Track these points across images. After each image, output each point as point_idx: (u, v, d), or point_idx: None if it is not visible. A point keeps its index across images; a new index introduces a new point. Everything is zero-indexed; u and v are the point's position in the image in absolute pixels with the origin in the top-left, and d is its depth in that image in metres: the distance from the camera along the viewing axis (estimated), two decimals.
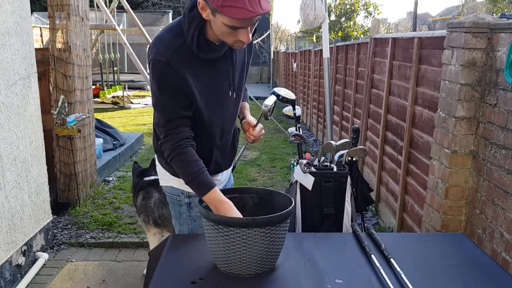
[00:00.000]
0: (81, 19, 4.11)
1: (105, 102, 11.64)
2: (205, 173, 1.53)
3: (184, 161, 1.54)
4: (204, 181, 1.52)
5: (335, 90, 6.15)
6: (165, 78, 1.48)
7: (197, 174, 1.52)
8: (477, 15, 2.27)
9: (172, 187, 1.76)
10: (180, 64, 1.47)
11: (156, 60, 1.47)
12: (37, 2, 15.59)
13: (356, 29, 19.85)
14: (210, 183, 1.52)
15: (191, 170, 1.52)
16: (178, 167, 1.57)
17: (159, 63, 1.47)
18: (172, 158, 1.55)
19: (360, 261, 1.50)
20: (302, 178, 2.33)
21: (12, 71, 2.87)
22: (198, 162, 1.54)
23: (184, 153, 1.53)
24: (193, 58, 1.50)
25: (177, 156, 1.54)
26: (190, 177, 1.53)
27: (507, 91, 2.04)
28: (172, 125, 1.54)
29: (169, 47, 1.48)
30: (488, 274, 1.45)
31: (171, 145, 1.54)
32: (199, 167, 1.53)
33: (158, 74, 1.48)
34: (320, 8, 3.54)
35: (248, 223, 1.35)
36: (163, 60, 1.46)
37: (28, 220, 3.07)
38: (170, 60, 1.46)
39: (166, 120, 1.54)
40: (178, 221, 1.80)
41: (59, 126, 3.91)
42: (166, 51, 1.47)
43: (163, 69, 1.47)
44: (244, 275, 1.40)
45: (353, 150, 2.45)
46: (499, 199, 2.11)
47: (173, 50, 1.47)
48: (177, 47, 1.48)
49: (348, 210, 2.35)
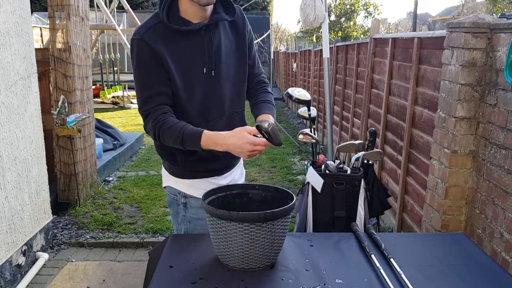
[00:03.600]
0: (81, 19, 4.11)
1: (105, 102, 11.64)
2: (189, 126, 1.54)
3: (168, 128, 1.53)
4: (191, 132, 1.52)
5: (335, 90, 6.16)
6: (141, 54, 1.54)
7: (182, 132, 1.51)
8: (477, 15, 2.27)
9: (170, 186, 1.77)
10: (154, 40, 1.53)
11: (132, 39, 1.56)
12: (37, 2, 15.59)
13: (356, 29, 19.85)
14: (197, 131, 1.52)
15: (176, 131, 1.52)
16: (167, 137, 1.55)
17: (135, 41, 1.55)
18: (158, 134, 1.55)
19: (360, 261, 1.50)
20: (313, 180, 2.31)
21: (12, 71, 2.87)
22: (179, 123, 1.54)
23: (165, 122, 1.54)
24: (168, 34, 1.56)
25: (161, 128, 1.54)
26: (179, 137, 1.52)
27: (507, 91, 2.04)
28: (151, 104, 1.56)
29: (144, 25, 1.57)
30: (488, 274, 1.45)
31: (152, 122, 1.55)
32: (181, 125, 1.53)
33: (136, 52, 1.55)
34: (320, 8, 3.54)
35: (249, 217, 1.37)
36: (138, 37, 1.54)
37: (28, 220, 3.07)
38: (144, 36, 1.53)
39: (145, 98, 1.57)
40: (176, 220, 1.82)
41: (59, 126, 3.91)
42: (141, 29, 1.56)
43: (138, 45, 1.54)
44: (245, 269, 1.42)
45: (369, 153, 2.42)
46: (499, 199, 2.11)
47: (147, 27, 1.56)
48: (151, 25, 1.56)
49: (361, 214, 2.32)
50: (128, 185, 4.94)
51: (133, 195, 4.61)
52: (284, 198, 1.54)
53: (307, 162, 2.61)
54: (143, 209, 4.21)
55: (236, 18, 1.68)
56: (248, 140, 1.46)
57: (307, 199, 2.35)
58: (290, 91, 2.51)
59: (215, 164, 1.72)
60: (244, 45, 1.73)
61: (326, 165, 2.33)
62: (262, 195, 1.61)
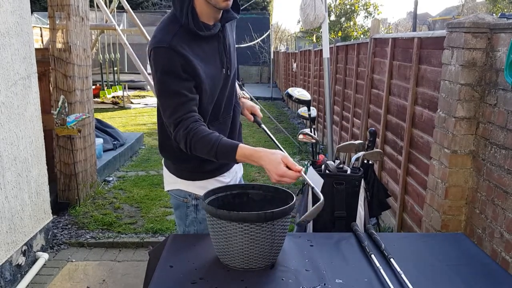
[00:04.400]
0: (81, 19, 4.11)
1: (105, 102, 11.64)
2: (224, 138, 1.51)
3: (201, 139, 1.49)
4: (226, 145, 1.49)
5: (335, 90, 6.16)
6: (170, 62, 1.49)
7: (217, 144, 1.48)
8: (477, 15, 2.27)
9: (179, 189, 1.76)
10: (181, 46, 1.50)
11: (158, 47, 1.49)
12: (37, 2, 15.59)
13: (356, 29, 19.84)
14: (233, 143, 1.50)
15: (211, 143, 1.48)
16: (199, 148, 1.51)
17: (162, 49, 1.49)
18: (189, 144, 1.51)
19: (360, 261, 1.50)
20: (313, 180, 2.31)
21: (12, 71, 2.87)
22: (213, 133, 1.52)
23: (197, 132, 1.50)
24: (191, 39, 1.53)
25: (193, 138, 1.49)
26: (213, 149, 1.48)
27: (507, 91, 2.04)
28: (181, 112, 1.51)
29: (168, 33, 1.52)
30: (488, 274, 1.45)
31: (183, 131, 1.50)
32: (215, 137, 1.50)
33: (162, 60, 1.49)
34: (320, 8, 3.54)
35: (249, 217, 1.37)
36: (165, 46, 1.48)
37: (28, 220, 3.07)
38: (172, 43, 1.48)
39: (175, 105, 1.52)
40: (184, 222, 1.80)
41: (59, 126, 3.91)
42: (166, 37, 1.50)
43: (166, 54, 1.49)
44: (245, 269, 1.42)
45: (369, 153, 2.42)
46: (499, 199, 2.11)
47: (172, 34, 1.51)
48: (175, 31, 1.52)
49: (361, 214, 2.32)
50: (128, 185, 4.94)
51: (133, 195, 4.61)
52: (284, 198, 1.54)
53: (307, 162, 2.60)
54: (143, 209, 4.21)
55: None
56: (281, 170, 1.42)
57: (307, 199, 2.35)
58: (290, 91, 2.51)
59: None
60: (232, 33, 1.77)
61: (326, 165, 2.33)
62: (262, 195, 1.61)
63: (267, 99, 13.72)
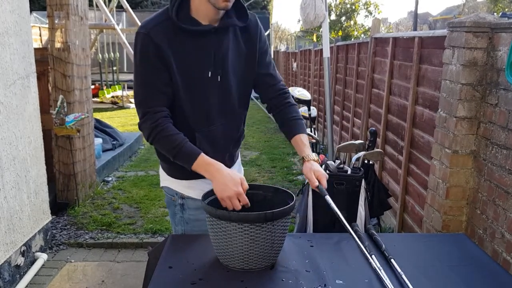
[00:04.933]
0: (80, 18, 4.10)
1: (104, 101, 11.63)
2: (188, 143, 1.54)
3: (165, 136, 1.53)
4: (189, 150, 1.52)
5: (335, 89, 6.15)
6: (146, 49, 1.51)
7: (181, 146, 1.52)
8: (478, 15, 2.26)
9: (168, 187, 1.75)
10: (160, 37, 1.51)
11: (138, 32, 1.53)
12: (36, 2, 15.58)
13: (357, 28, 19.85)
14: (195, 150, 1.53)
15: (174, 143, 1.52)
16: (162, 144, 1.56)
17: (140, 35, 1.52)
18: (153, 138, 1.54)
19: (360, 261, 1.50)
20: None
21: (11, 71, 2.86)
22: (179, 134, 1.54)
23: (164, 129, 1.53)
24: (175, 33, 1.53)
25: (158, 134, 1.53)
26: (174, 150, 1.52)
27: (508, 91, 2.03)
28: (151, 103, 1.54)
29: (152, 21, 1.55)
30: (489, 275, 1.44)
31: (150, 124, 1.53)
32: (181, 139, 1.53)
33: (140, 46, 1.52)
34: (321, 8, 3.53)
35: (249, 218, 1.36)
36: (144, 32, 1.51)
37: (27, 221, 3.06)
38: (151, 32, 1.50)
39: (145, 96, 1.55)
40: (174, 221, 1.80)
41: (58, 126, 3.90)
42: (148, 24, 1.53)
43: (143, 40, 1.51)
44: (245, 269, 1.41)
45: (370, 153, 2.42)
46: (500, 199, 2.10)
47: (155, 23, 1.53)
48: (159, 21, 1.54)
49: (362, 214, 2.32)
50: (127, 185, 4.93)
51: (132, 195, 4.60)
52: (284, 198, 1.53)
53: None
54: (142, 210, 4.20)
55: (248, 25, 1.65)
56: (237, 189, 1.44)
57: (307, 199, 2.34)
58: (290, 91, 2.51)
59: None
60: (254, 52, 1.68)
61: (327, 165, 2.32)
62: (262, 195, 1.60)
63: None
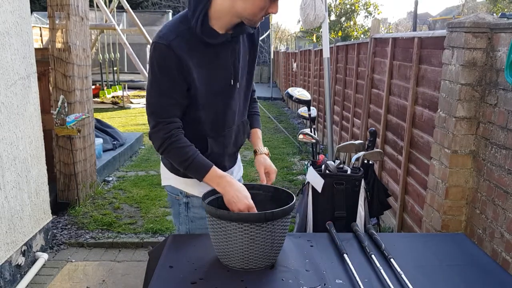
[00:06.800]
0: (81, 19, 4.11)
1: (105, 102, 11.63)
2: (200, 155, 1.56)
3: (178, 148, 1.54)
4: (201, 162, 1.55)
5: (335, 90, 6.15)
6: (165, 61, 1.49)
7: (193, 158, 1.54)
8: (477, 15, 2.27)
9: (171, 186, 1.75)
10: (181, 48, 1.48)
11: (157, 43, 1.49)
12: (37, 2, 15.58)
13: (356, 29, 19.84)
14: (207, 163, 1.55)
15: (187, 155, 1.54)
16: (173, 155, 1.57)
17: (161, 46, 1.48)
18: (165, 148, 1.55)
19: (360, 261, 1.50)
20: (313, 180, 2.31)
21: (12, 71, 2.87)
22: (191, 146, 1.56)
23: (177, 140, 1.54)
24: (195, 44, 1.51)
25: (171, 145, 1.54)
26: (187, 162, 1.54)
27: (508, 91, 2.04)
28: (165, 114, 1.54)
29: (172, 31, 1.50)
30: (489, 274, 1.44)
31: (163, 134, 1.53)
32: (193, 151, 1.55)
33: (159, 57, 1.49)
34: (320, 8, 3.53)
35: (249, 217, 1.37)
36: (165, 43, 1.47)
37: (28, 220, 3.06)
38: (172, 43, 1.47)
39: (160, 106, 1.54)
40: (177, 220, 1.80)
41: (59, 126, 3.91)
42: (169, 35, 1.49)
43: (163, 52, 1.48)
44: (245, 269, 1.41)
45: (369, 153, 2.42)
46: (499, 199, 2.10)
47: (175, 34, 1.49)
48: (180, 31, 1.50)
49: (361, 214, 2.32)
50: (128, 185, 4.94)
51: (132, 195, 4.60)
52: (284, 198, 1.54)
53: (307, 162, 2.60)
54: (143, 209, 4.21)
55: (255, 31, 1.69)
56: (249, 203, 1.48)
57: (307, 199, 2.34)
58: (290, 91, 2.50)
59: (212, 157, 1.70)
60: (255, 56, 1.75)
61: (326, 165, 2.32)
62: (262, 195, 1.60)
63: (267, 99, 13.72)
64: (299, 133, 2.60)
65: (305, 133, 2.58)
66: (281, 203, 1.47)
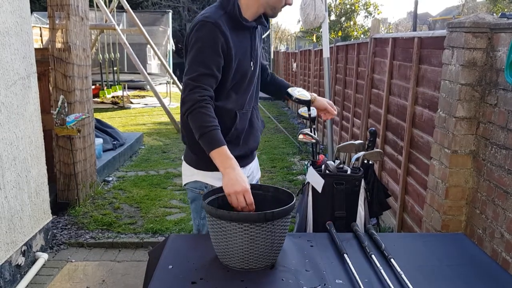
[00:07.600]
0: (81, 19, 4.11)
1: (105, 102, 11.63)
2: (219, 131, 1.62)
3: (205, 113, 1.61)
4: (218, 136, 1.60)
5: (335, 90, 6.15)
6: (212, 35, 1.63)
7: (213, 128, 1.60)
8: (477, 15, 2.27)
9: (195, 181, 1.82)
10: (225, 27, 1.66)
11: (205, 21, 1.65)
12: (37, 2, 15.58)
13: (356, 29, 19.84)
14: (222, 140, 1.61)
15: (209, 123, 1.60)
16: (197, 118, 1.62)
17: (208, 23, 1.64)
18: (193, 109, 1.61)
19: (360, 261, 1.50)
20: (313, 180, 2.30)
21: (12, 71, 2.87)
22: (215, 119, 1.63)
23: (206, 107, 1.62)
24: (232, 26, 1.69)
25: (199, 108, 1.61)
26: (206, 129, 1.59)
27: (507, 91, 2.04)
28: (205, 81, 1.64)
29: (213, 13, 1.69)
30: (488, 274, 1.44)
31: (198, 96, 1.61)
32: (215, 123, 1.62)
33: (206, 32, 1.64)
34: (320, 8, 3.54)
35: (249, 217, 1.37)
36: (212, 21, 1.64)
37: (28, 220, 3.06)
38: (218, 22, 1.64)
39: (201, 74, 1.64)
40: (199, 215, 1.85)
41: (59, 126, 3.91)
42: (214, 15, 1.67)
43: (211, 27, 1.64)
44: (245, 269, 1.42)
45: (369, 153, 2.41)
46: (499, 199, 2.10)
47: (218, 16, 1.68)
48: (220, 15, 1.69)
49: (361, 214, 2.31)
50: (128, 185, 4.94)
51: (132, 195, 4.60)
52: (284, 198, 1.54)
53: (307, 162, 2.59)
54: (143, 209, 4.21)
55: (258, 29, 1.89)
56: (246, 186, 1.52)
57: (307, 199, 2.34)
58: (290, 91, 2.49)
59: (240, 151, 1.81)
60: (261, 46, 1.95)
61: (326, 165, 2.32)
62: (262, 195, 1.60)
63: (267, 99, 13.70)
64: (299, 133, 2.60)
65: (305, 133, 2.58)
66: (281, 203, 1.47)
